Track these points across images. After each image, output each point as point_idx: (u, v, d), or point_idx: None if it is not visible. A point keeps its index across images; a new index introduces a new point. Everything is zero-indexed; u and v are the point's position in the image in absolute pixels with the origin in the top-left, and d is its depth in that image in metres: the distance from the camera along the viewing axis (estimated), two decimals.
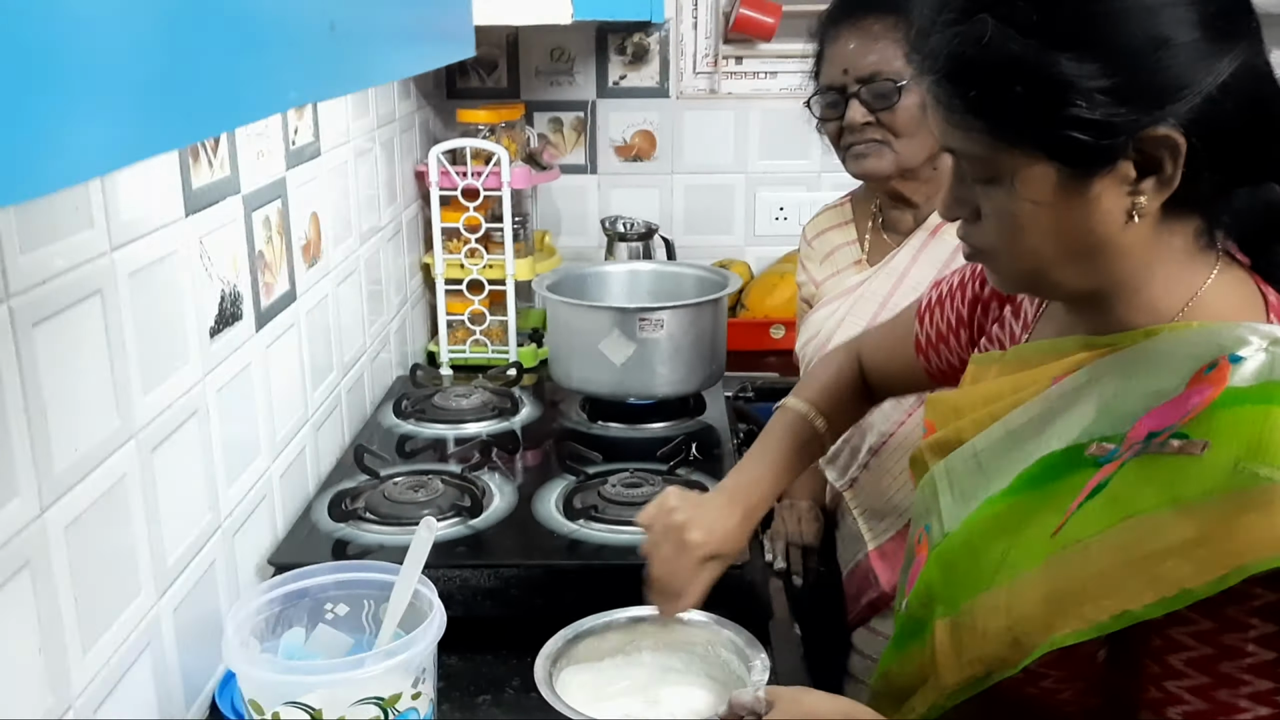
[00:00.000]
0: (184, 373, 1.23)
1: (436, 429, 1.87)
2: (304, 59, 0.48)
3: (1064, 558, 0.85)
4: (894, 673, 1.06)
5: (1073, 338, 0.96)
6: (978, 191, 0.89)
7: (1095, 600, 0.82)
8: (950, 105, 0.86)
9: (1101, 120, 0.79)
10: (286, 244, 1.56)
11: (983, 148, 0.85)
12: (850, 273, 1.69)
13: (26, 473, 0.92)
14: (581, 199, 2.73)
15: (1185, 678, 0.81)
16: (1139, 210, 0.83)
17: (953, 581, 0.96)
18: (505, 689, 1.32)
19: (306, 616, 1.20)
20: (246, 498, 1.40)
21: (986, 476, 0.97)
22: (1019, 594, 0.88)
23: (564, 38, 2.62)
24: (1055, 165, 0.83)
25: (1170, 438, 0.82)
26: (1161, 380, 0.85)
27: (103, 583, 1.05)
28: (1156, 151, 0.81)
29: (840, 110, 1.56)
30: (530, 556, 1.44)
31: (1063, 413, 0.92)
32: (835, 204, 1.80)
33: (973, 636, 0.92)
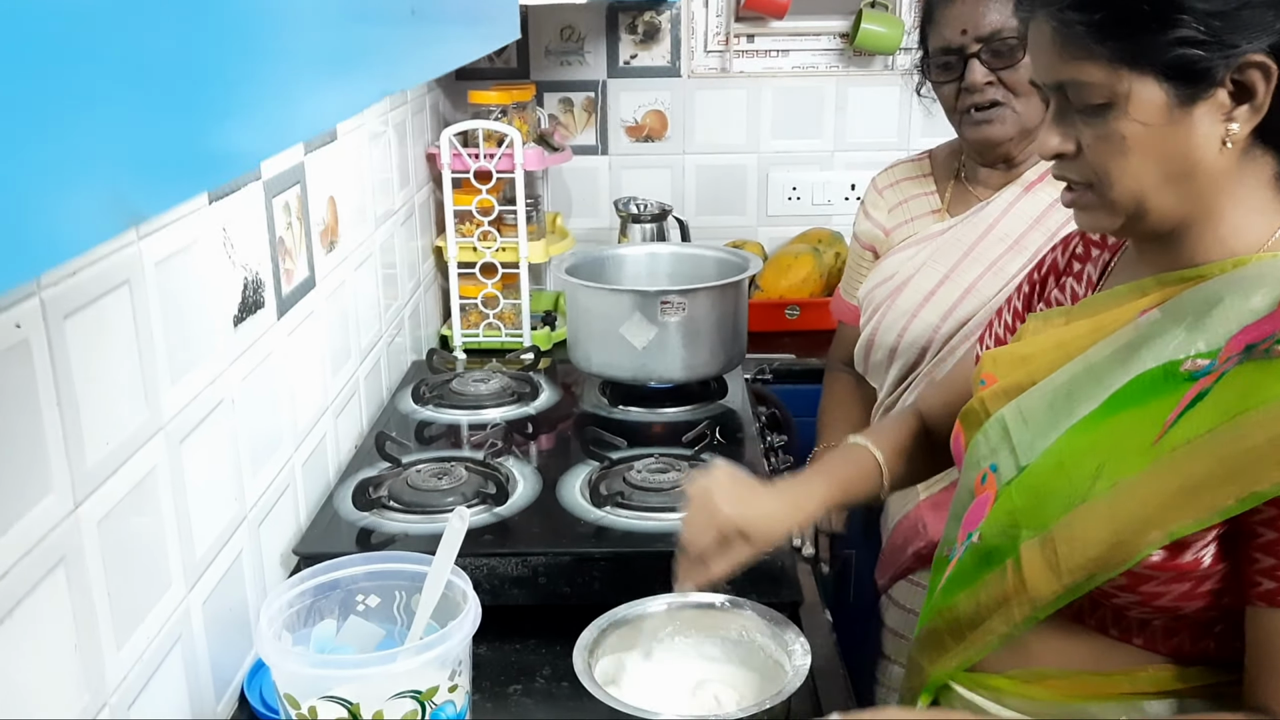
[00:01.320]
0: (209, 363, 1.21)
1: (455, 414, 1.85)
2: (389, 45, 0.47)
3: (1172, 458, 0.90)
4: (961, 606, 1.08)
5: (1152, 277, 1.02)
6: (1080, 125, 0.96)
7: (1217, 488, 0.87)
8: (1071, 34, 0.94)
9: (1212, 40, 0.89)
10: (305, 230, 1.54)
11: (1100, 72, 0.93)
12: (927, 221, 1.71)
13: (60, 468, 0.90)
14: (593, 180, 2.71)
15: (1258, 563, 0.87)
16: (1231, 136, 0.92)
17: (1042, 503, 1.00)
18: (536, 678, 1.31)
19: (338, 608, 1.18)
20: (271, 487, 1.39)
21: (1069, 406, 1.02)
22: (1121, 500, 0.93)
23: (574, 16, 2.60)
24: (1166, 87, 0.91)
25: (1275, 344, 0.87)
26: (1254, 300, 0.92)
27: (134, 577, 1.04)
28: (1250, 77, 0.90)
29: (958, 72, 1.57)
30: (558, 544, 1.43)
31: (1153, 339, 0.98)
32: (911, 159, 1.82)
33: (1071, 548, 0.96)
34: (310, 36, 0.42)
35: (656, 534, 1.44)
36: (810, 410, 1.95)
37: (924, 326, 1.61)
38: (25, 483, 0.86)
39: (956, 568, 1.10)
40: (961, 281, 1.60)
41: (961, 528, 1.11)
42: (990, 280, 1.58)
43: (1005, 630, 1.03)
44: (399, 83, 0.51)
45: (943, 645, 1.10)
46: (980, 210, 1.63)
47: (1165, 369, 0.95)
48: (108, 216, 0.36)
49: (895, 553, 1.64)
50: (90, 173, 0.34)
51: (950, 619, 1.10)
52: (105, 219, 0.36)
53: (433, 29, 0.52)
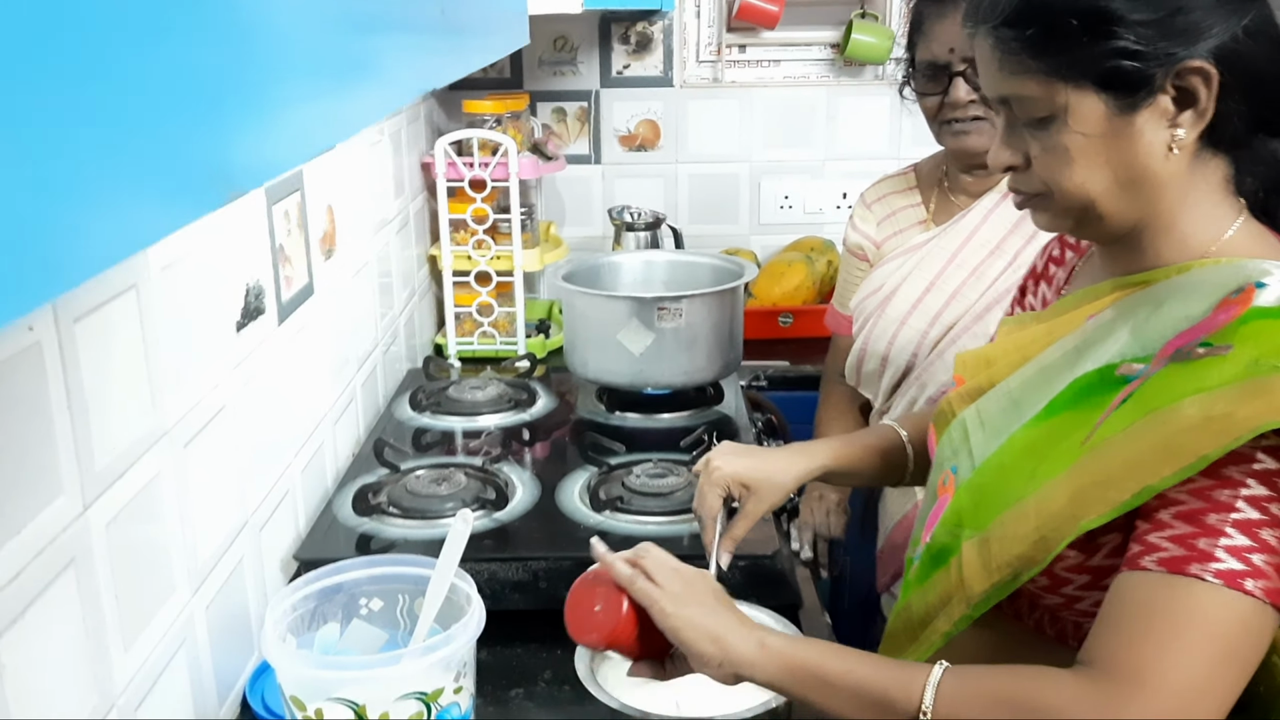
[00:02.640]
0: (213, 368, 1.21)
1: (452, 421, 1.86)
2: (420, 44, 0.47)
3: (1091, 457, 0.91)
4: (914, 606, 1.09)
5: (1107, 281, 1.04)
6: (1027, 137, 0.97)
7: (1117, 484, 0.88)
8: (1008, 50, 0.95)
9: (1146, 50, 0.89)
10: (305, 237, 1.55)
11: (1038, 87, 0.94)
12: (915, 232, 1.75)
13: (70, 470, 0.91)
14: (586, 189, 2.72)
15: (1169, 529, 0.86)
16: (1177, 142, 0.93)
17: (982, 504, 1.01)
18: (538, 681, 1.32)
19: (341, 612, 1.19)
20: (271, 493, 1.39)
21: (1019, 409, 1.03)
22: (1046, 498, 0.93)
23: (567, 27, 2.61)
24: (1105, 97, 0.92)
25: (1196, 346, 0.88)
26: (1191, 306, 0.93)
27: (140, 581, 1.04)
28: (1191, 83, 0.90)
29: (943, 85, 1.62)
30: (558, 548, 1.43)
31: (1097, 342, 0.99)
32: (897, 173, 1.86)
33: (1001, 545, 0.96)
34: (342, 40, 0.43)
35: (656, 538, 1.43)
36: (805, 417, 1.97)
37: (912, 333, 1.65)
38: (37, 484, 0.87)
39: (915, 569, 1.11)
40: (946, 288, 1.64)
41: (925, 529, 1.12)
42: (973, 285, 1.63)
43: (947, 629, 1.03)
44: (429, 82, 0.52)
45: (900, 646, 1.10)
46: (961, 218, 1.68)
47: (1101, 372, 0.96)
48: (128, 233, 0.37)
49: (895, 551, 1.65)
50: (109, 192, 0.35)
51: (905, 619, 1.10)
52: (124, 236, 0.36)
53: (459, 31, 0.53)
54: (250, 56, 0.36)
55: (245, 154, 0.42)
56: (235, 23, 0.39)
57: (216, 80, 0.41)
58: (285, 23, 0.38)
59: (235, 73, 0.41)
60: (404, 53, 0.44)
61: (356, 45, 0.44)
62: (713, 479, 1.24)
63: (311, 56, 0.46)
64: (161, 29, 0.37)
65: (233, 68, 0.41)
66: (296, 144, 0.42)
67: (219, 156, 0.42)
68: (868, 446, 1.31)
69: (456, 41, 0.53)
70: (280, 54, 0.40)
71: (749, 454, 1.26)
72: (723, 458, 1.24)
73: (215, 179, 0.40)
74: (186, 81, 0.39)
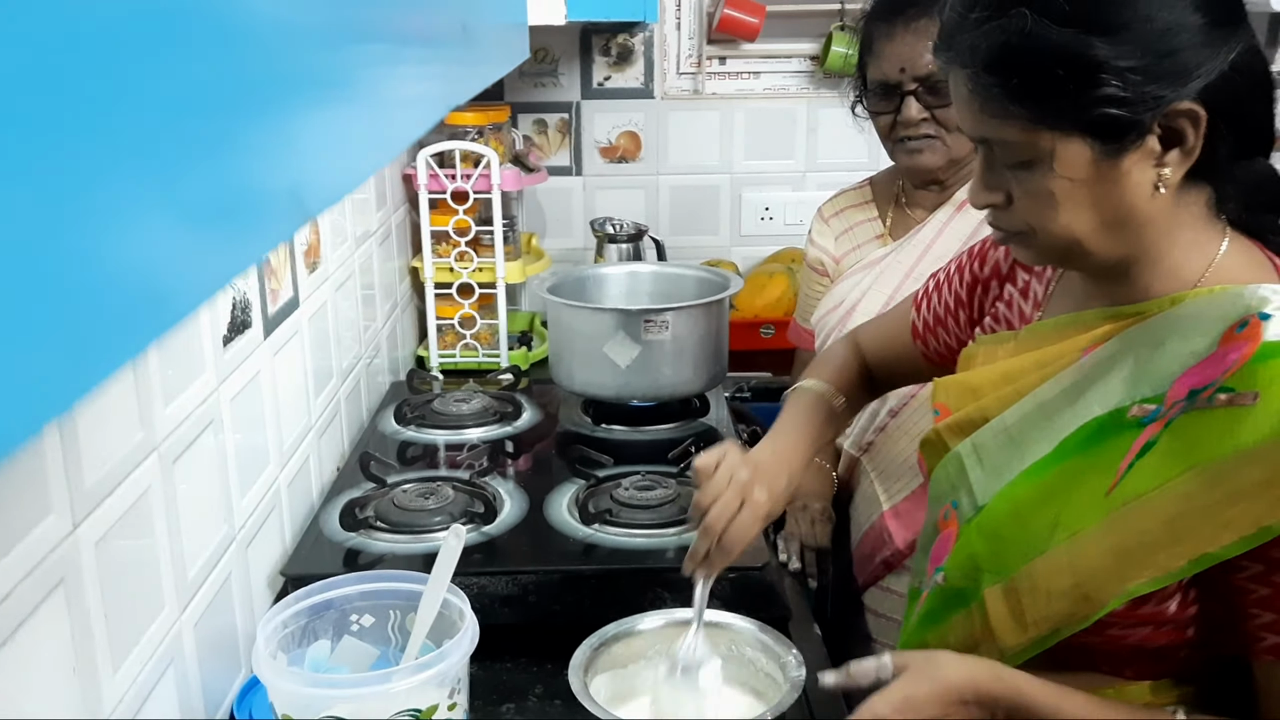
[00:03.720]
0: (200, 382, 1.20)
1: (438, 435, 1.85)
2: (444, 60, 0.47)
3: (1125, 512, 0.90)
4: (933, 645, 1.07)
5: (1095, 310, 1.02)
6: (1009, 177, 0.95)
7: (1167, 548, 0.87)
8: (989, 95, 0.92)
9: (1134, 97, 0.87)
10: (290, 249, 1.54)
11: (1021, 132, 0.91)
12: (872, 246, 1.76)
13: (59, 488, 0.90)
14: (567, 201, 2.72)
15: (1258, 618, 0.88)
16: (1164, 181, 0.91)
17: (1001, 550, 1.00)
18: (529, 697, 1.31)
19: (332, 629, 1.18)
20: (258, 508, 1.38)
21: (1020, 448, 1.01)
22: (1081, 552, 0.92)
23: (548, 38, 2.61)
24: (1091, 143, 0.89)
25: (1216, 392, 0.87)
26: (1193, 341, 0.91)
27: (130, 599, 1.03)
28: (1179, 124, 0.89)
29: (894, 105, 1.62)
30: (547, 562, 1.43)
31: (1098, 380, 0.97)
32: (853, 187, 1.86)
33: (1034, 599, 0.96)
34: (377, 65, 0.42)
35: (646, 551, 1.44)
36: None
37: None
38: (27, 502, 0.85)
39: (926, 605, 1.11)
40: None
41: (929, 562, 1.12)
42: None
43: None
44: (452, 101, 0.51)
45: None
46: (917, 233, 1.69)
47: (1113, 415, 0.94)
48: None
49: (865, 561, 1.67)
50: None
51: None
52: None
53: (477, 47, 0.53)
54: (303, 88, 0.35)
55: (310, 182, 0.40)
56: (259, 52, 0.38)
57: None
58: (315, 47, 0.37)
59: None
60: (434, 73, 0.43)
61: (392, 69, 0.43)
62: (758, 515, 1.15)
63: (347, 83, 0.45)
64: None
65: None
66: (345, 174, 0.41)
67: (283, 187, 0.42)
68: (824, 425, 1.29)
69: (475, 58, 0.53)
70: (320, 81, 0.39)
71: (770, 477, 1.18)
72: (761, 488, 1.16)
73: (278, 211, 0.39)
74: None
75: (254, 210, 0.37)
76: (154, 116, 0.29)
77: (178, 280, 0.32)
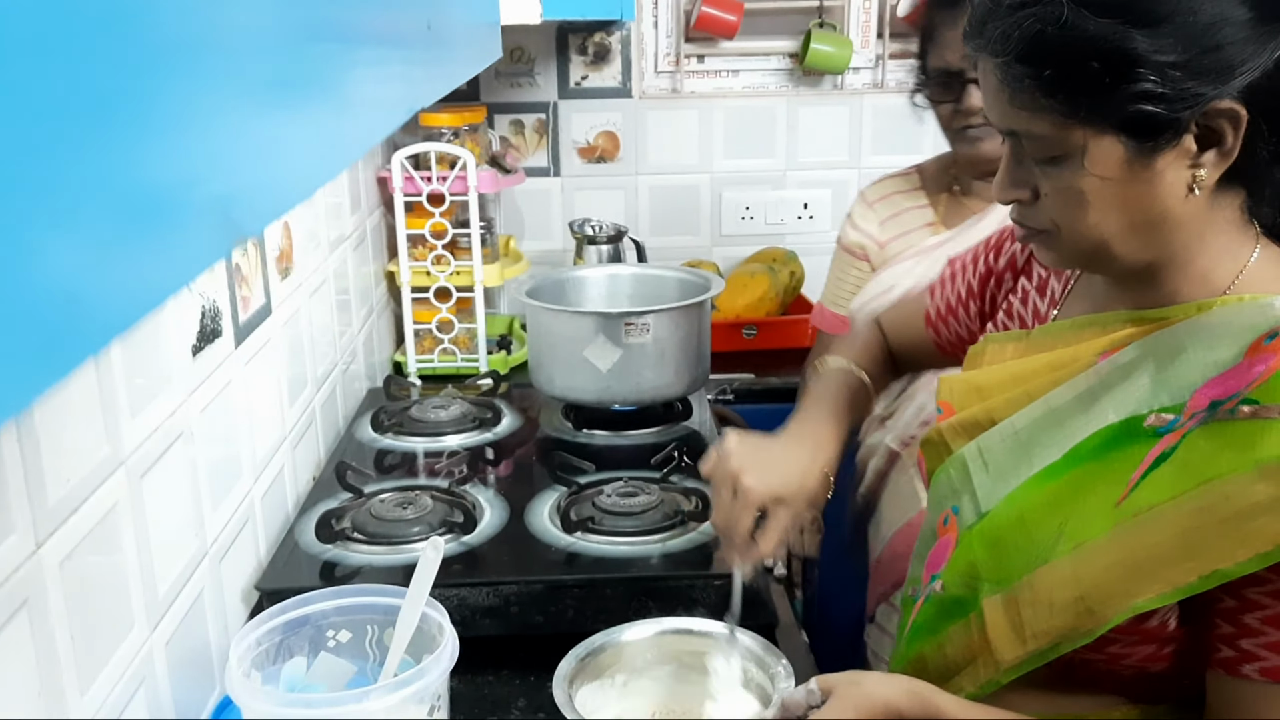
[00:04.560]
0: (169, 394, 1.17)
1: (415, 442, 1.82)
2: (408, 61, 0.44)
3: (1136, 524, 0.87)
4: (928, 658, 1.05)
5: (1116, 313, 0.98)
6: (1037, 172, 0.92)
7: (1178, 563, 0.84)
8: (1019, 86, 0.88)
9: (1172, 94, 0.83)
10: (261, 256, 1.51)
11: (1052, 126, 0.88)
12: (923, 234, 1.73)
13: (21, 506, 0.86)
14: (545, 202, 2.69)
15: (1262, 635, 0.84)
16: (1199, 183, 0.87)
17: (1003, 558, 0.97)
18: (512, 709, 1.28)
19: (308, 645, 1.14)
20: (230, 522, 1.35)
21: (1029, 453, 0.98)
22: (1086, 563, 0.90)
23: (524, 38, 2.58)
24: (1124, 140, 0.86)
25: (1240, 404, 0.84)
26: (1218, 351, 0.88)
27: (97, 619, 0.99)
28: (1218, 124, 0.85)
29: (956, 93, 1.60)
30: (529, 572, 1.40)
31: (1115, 386, 0.94)
32: (899, 173, 1.83)
33: (1035, 611, 0.93)
34: (335, 65, 0.39)
35: (630, 559, 1.41)
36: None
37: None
38: None
39: (920, 615, 1.08)
40: None
41: (925, 568, 1.10)
42: None
43: (973, 691, 1.01)
44: (417, 103, 0.49)
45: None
46: (976, 223, 1.66)
47: (1127, 423, 0.92)
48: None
49: (896, 560, 1.63)
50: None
51: (919, 669, 1.07)
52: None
53: (443, 47, 0.50)
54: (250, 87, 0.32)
55: (254, 193, 0.38)
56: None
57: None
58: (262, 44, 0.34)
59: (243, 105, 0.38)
60: (396, 74, 0.41)
61: (350, 70, 0.40)
62: (748, 500, 1.11)
63: (304, 83, 0.43)
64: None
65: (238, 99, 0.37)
66: (300, 179, 0.39)
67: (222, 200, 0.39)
68: (850, 407, 1.25)
69: (442, 57, 0.50)
70: (277, 81, 0.36)
71: (771, 458, 1.14)
72: (752, 474, 1.11)
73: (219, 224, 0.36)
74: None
75: (169, 225, 0.34)
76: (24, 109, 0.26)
77: (77, 306, 0.29)
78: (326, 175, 0.42)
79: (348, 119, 0.41)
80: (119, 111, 0.30)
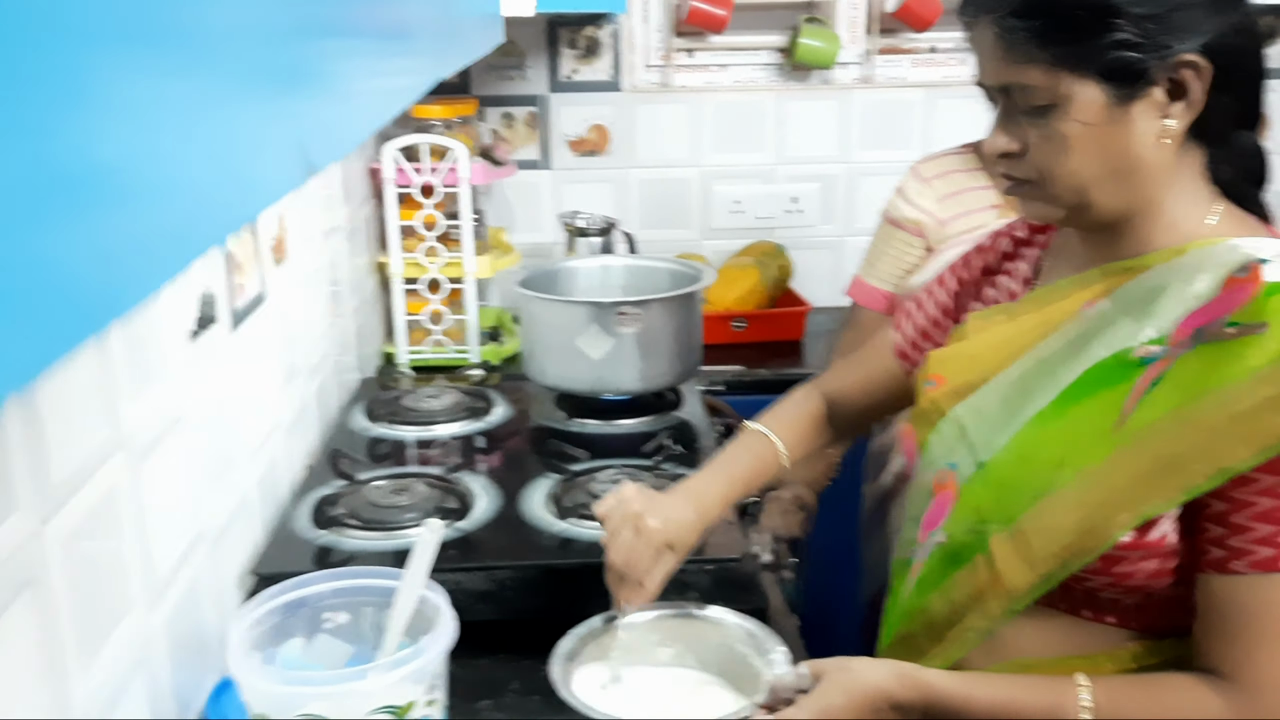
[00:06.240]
0: (167, 378, 1.18)
1: (409, 431, 1.82)
2: (407, 52, 0.45)
3: (1136, 442, 0.94)
4: (934, 607, 1.09)
5: (1095, 269, 1.06)
6: (1025, 125, 1.00)
7: (1184, 468, 0.91)
8: (1014, 39, 0.98)
9: (1147, 43, 0.94)
10: (256, 244, 1.51)
11: (1042, 76, 0.97)
12: (988, 215, 1.69)
13: (25, 485, 0.87)
14: (535, 195, 2.70)
15: (1250, 531, 0.91)
16: (1168, 133, 0.97)
17: (1007, 498, 1.02)
18: (505, 692, 1.29)
19: (305, 627, 1.15)
20: (227, 507, 1.35)
21: (1024, 401, 1.04)
22: (1090, 487, 0.96)
23: (514, 31, 2.59)
24: (1105, 87, 0.96)
25: (1225, 327, 0.91)
26: (1196, 286, 0.96)
27: (98, 599, 1.00)
28: (1184, 76, 0.95)
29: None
30: (523, 557, 1.41)
31: (1102, 329, 1.01)
32: (955, 151, 1.78)
33: (1043, 538, 0.98)
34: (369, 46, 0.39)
35: None
36: None
37: None
38: None
39: (924, 569, 1.11)
40: None
41: (922, 528, 1.13)
42: None
43: (984, 625, 1.05)
44: (426, 82, 0.50)
45: (919, 649, 1.11)
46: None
47: (1117, 357, 0.98)
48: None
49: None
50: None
51: (924, 621, 1.11)
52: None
53: (459, 23, 0.51)
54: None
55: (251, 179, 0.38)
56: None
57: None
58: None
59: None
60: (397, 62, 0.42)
61: (348, 59, 0.41)
62: (651, 540, 1.17)
63: (299, 72, 0.44)
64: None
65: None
66: (292, 168, 0.39)
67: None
68: (751, 473, 1.30)
69: (453, 38, 0.51)
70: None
71: (665, 508, 1.20)
72: (654, 517, 1.18)
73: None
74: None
75: (163, 212, 0.34)
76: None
77: (78, 286, 0.30)
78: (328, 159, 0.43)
79: (346, 104, 0.42)
80: (115, 99, 0.31)
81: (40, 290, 0.29)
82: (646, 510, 1.18)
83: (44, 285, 0.29)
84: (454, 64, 0.65)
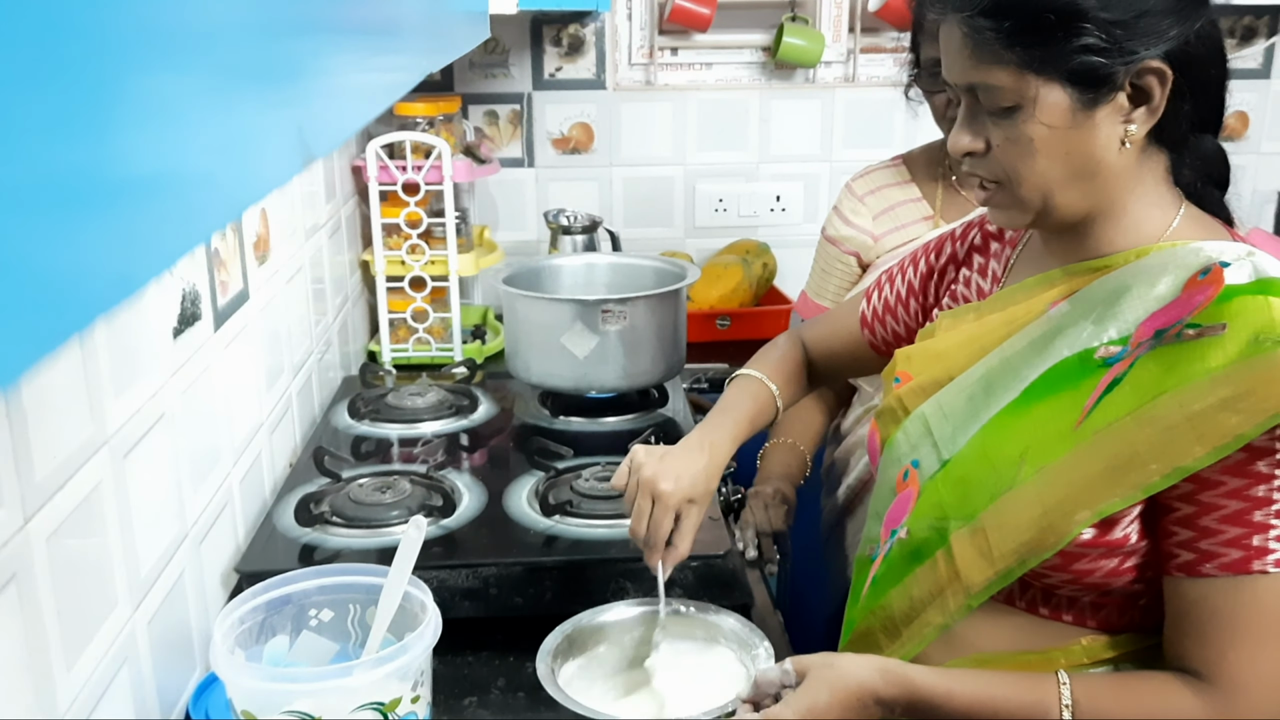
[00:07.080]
0: (151, 375, 1.17)
1: (392, 429, 1.82)
2: (390, 49, 0.45)
3: (1094, 441, 0.95)
4: (893, 603, 1.10)
5: (1059, 270, 1.07)
6: (990, 125, 1.01)
7: (1140, 466, 0.92)
8: (981, 39, 0.98)
9: (1112, 49, 0.94)
10: (239, 241, 1.51)
11: (1009, 77, 0.97)
12: (921, 228, 1.71)
13: (9, 481, 0.87)
14: (519, 192, 2.70)
15: (1220, 534, 0.92)
16: (1130, 137, 0.98)
17: (968, 494, 1.03)
18: (491, 690, 1.29)
19: (290, 624, 1.15)
20: (210, 505, 1.35)
21: (987, 398, 1.06)
22: (1049, 484, 0.97)
23: (498, 29, 2.59)
24: (1070, 91, 0.96)
25: (1184, 329, 0.93)
26: (1158, 288, 0.98)
27: (82, 597, 1.00)
28: (1148, 82, 0.96)
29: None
30: (508, 554, 1.41)
31: (1066, 328, 1.02)
32: (885, 165, 1.80)
33: (1002, 534, 1.00)
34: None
35: (607, 541, 1.43)
36: None
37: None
38: None
39: (884, 565, 1.12)
40: None
41: (884, 525, 1.14)
42: None
43: (941, 621, 1.06)
44: (414, 77, 0.50)
45: (876, 644, 1.12)
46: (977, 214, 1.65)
47: (1080, 357, 1.00)
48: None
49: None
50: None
51: (883, 617, 1.12)
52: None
53: (445, 17, 0.51)
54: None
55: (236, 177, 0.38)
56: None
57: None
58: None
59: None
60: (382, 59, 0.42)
61: (331, 56, 0.41)
62: (667, 504, 1.18)
63: (280, 70, 0.44)
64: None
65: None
66: (278, 165, 0.39)
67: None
68: (751, 415, 1.32)
69: (442, 32, 0.51)
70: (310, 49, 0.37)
71: (677, 464, 1.21)
72: (667, 480, 1.19)
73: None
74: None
75: (148, 209, 0.34)
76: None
77: (62, 284, 0.30)
78: (325, 148, 0.43)
79: (329, 101, 0.42)
80: (100, 96, 0.31)
81: (29, 287, 0.29)
82: (658, 475, 1.19)
83: (33, 282, 0.29)
84: (443, 58, 0.65)
